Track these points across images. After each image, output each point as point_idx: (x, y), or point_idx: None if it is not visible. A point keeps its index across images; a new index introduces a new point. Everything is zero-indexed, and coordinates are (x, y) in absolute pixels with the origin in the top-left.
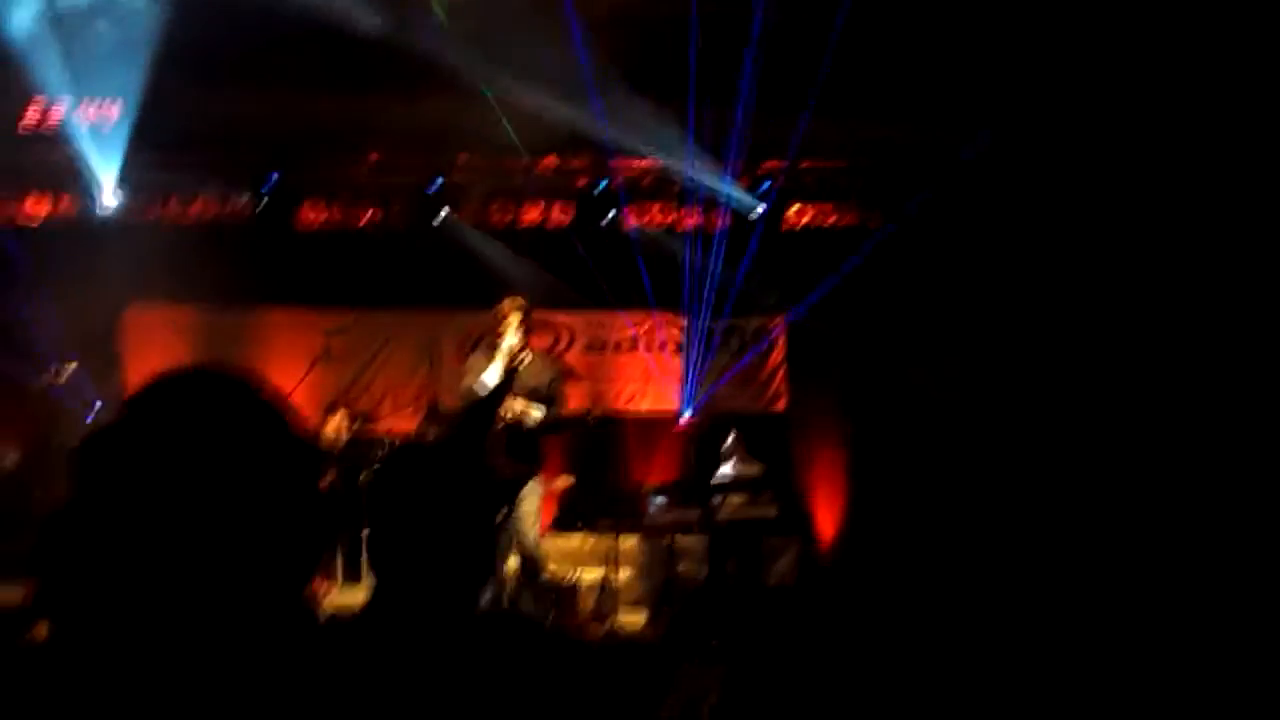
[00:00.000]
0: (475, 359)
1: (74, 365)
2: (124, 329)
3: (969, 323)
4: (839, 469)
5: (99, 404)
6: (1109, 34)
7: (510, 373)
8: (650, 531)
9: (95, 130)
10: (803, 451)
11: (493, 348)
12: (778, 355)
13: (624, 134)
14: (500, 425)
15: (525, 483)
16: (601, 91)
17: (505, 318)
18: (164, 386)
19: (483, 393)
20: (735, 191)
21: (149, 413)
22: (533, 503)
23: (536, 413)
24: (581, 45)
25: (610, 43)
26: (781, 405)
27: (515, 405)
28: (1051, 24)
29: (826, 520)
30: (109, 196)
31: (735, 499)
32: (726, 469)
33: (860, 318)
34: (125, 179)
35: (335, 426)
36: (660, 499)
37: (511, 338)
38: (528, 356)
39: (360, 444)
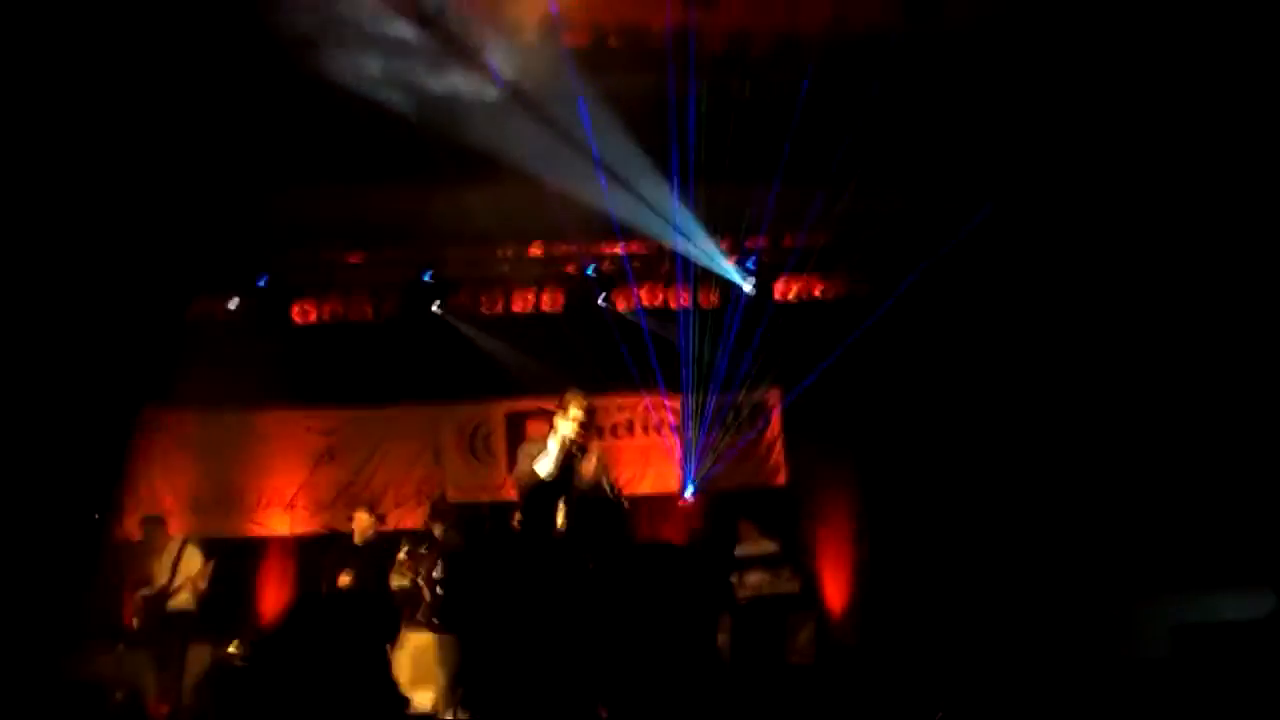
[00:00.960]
0: (529, 446)
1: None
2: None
3: (964, 387)
4: (845, 540)
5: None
6: (1093, 105)
7: (566, 463)
8: None
9: None
10: (808, 524)
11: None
12: (774, 429)
13: (610, 218)
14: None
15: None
16: (586, 177)
17: (566, 409)
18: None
19: (544, 477)
20: (723, 269)
21: None
22: None
23: (607, 484)
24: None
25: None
26: (781, 479)
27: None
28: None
29: (835, 592)
30: None
31: (754, 577)
32: (743, 547)
33: (855, 387)
34: None
35: (362, 526)
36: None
37: (566, 428)
38: (591, 456)
39: (383, 542)
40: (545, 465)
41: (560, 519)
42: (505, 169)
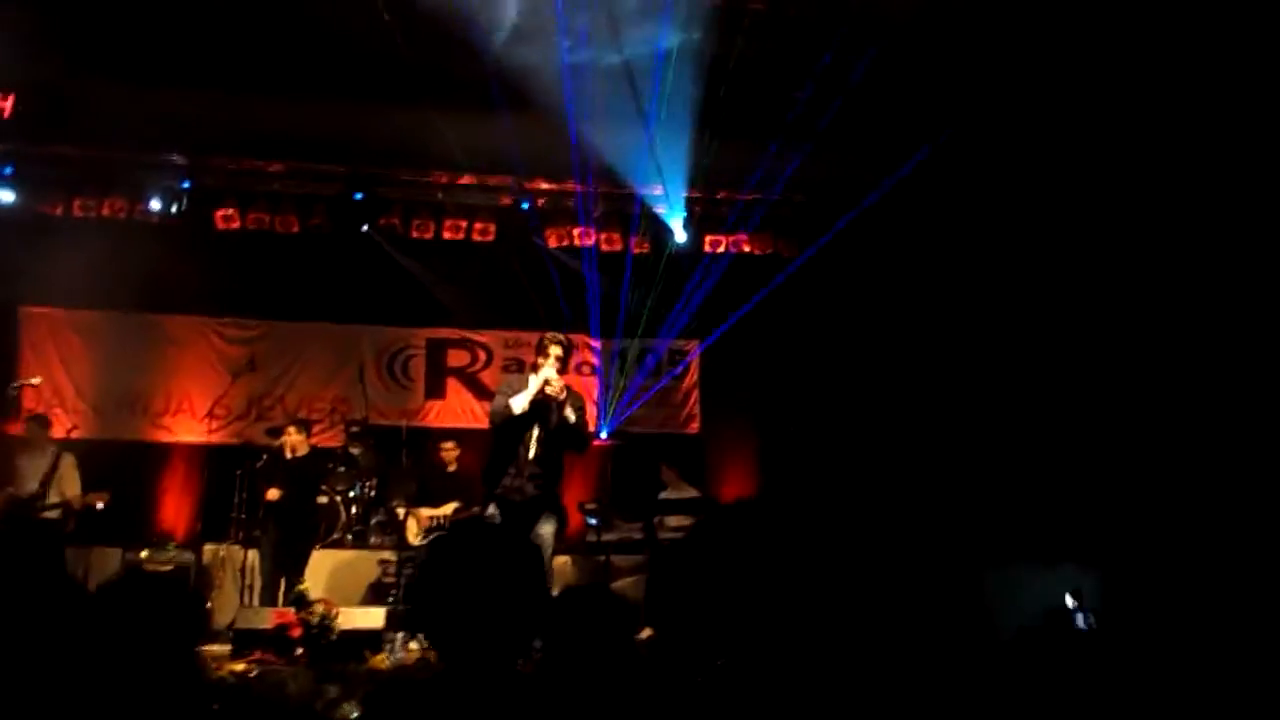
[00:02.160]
0: (510, 380)
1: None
2: (21, 328)
3: (873, 347)
4: (745, 489)
5: None
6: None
7: (540, 402)
8: (584, 549)
9: None
10: (713, 472)
11: (533, 371)
12: (691, 378)
13: (548, 157)
14: (538, 448)
15: (546, 505)
16: (528, 112)
17: (547, 349)
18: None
19: (515, 413)
20: (656, 218)
21: None
22: (551, 527)
23: (572, 415)
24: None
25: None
26: (695, 427)
27: (570, 414)
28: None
29: None
30: (4, 191)
31: (675, 520)
32: (667, 492)
33: (765, 343)
34: (21, 173)
35: (293, 441)
36: (593, 519)
37: (549, 370)
38: (562, 392)
39: (315, 458)
40: (520, 401)
41: (533, 449)
42: (454, 94)
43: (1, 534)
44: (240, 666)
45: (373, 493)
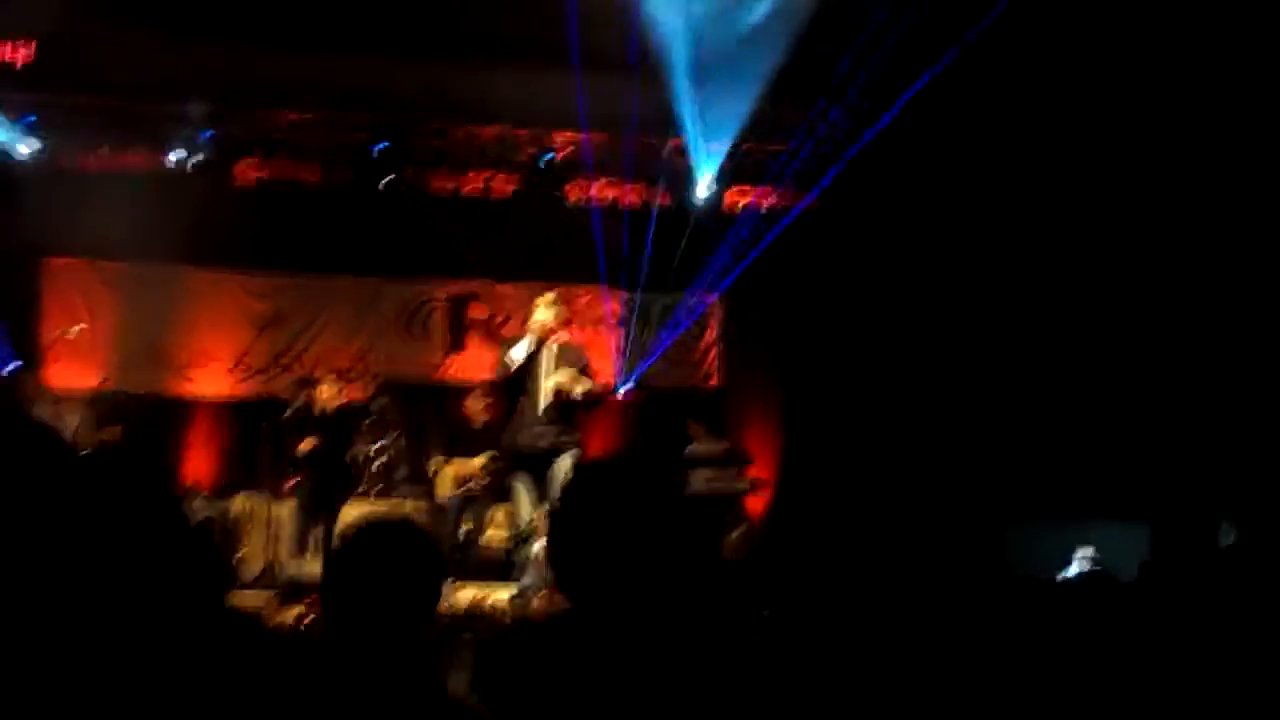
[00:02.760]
0: (512, 337)
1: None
2: (44, 281)
3: (894, 300)
4: (770, 444)
5: (13, 360)
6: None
7: (538, 350)
8: None
9: (7, 68)
10: (736, 427)
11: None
12: (712, 333)
13: (569, 108)
14: (550, 397)
15: (566, 450)
16: (550, 64)
17: (536, 300)
18: None
19: (513, 366)
20: (678, 170)
21: None
22: (569, 460)
23: (580, 386)
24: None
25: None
26: (715, 381)
27: (561, 377)
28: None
29: (756, 495)
30: (27, 142)
31: (704, 473)
32: (694, 446)
33: (787, 296)
34: (44, 124)
35: (326, 393)
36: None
37: (542, 315)
38: (562, 337)
39: (350, 411)
40: (519, 352)
41: (543, 401)
42: (472, 46)
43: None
44: (292, 615)
45: (395, 445)
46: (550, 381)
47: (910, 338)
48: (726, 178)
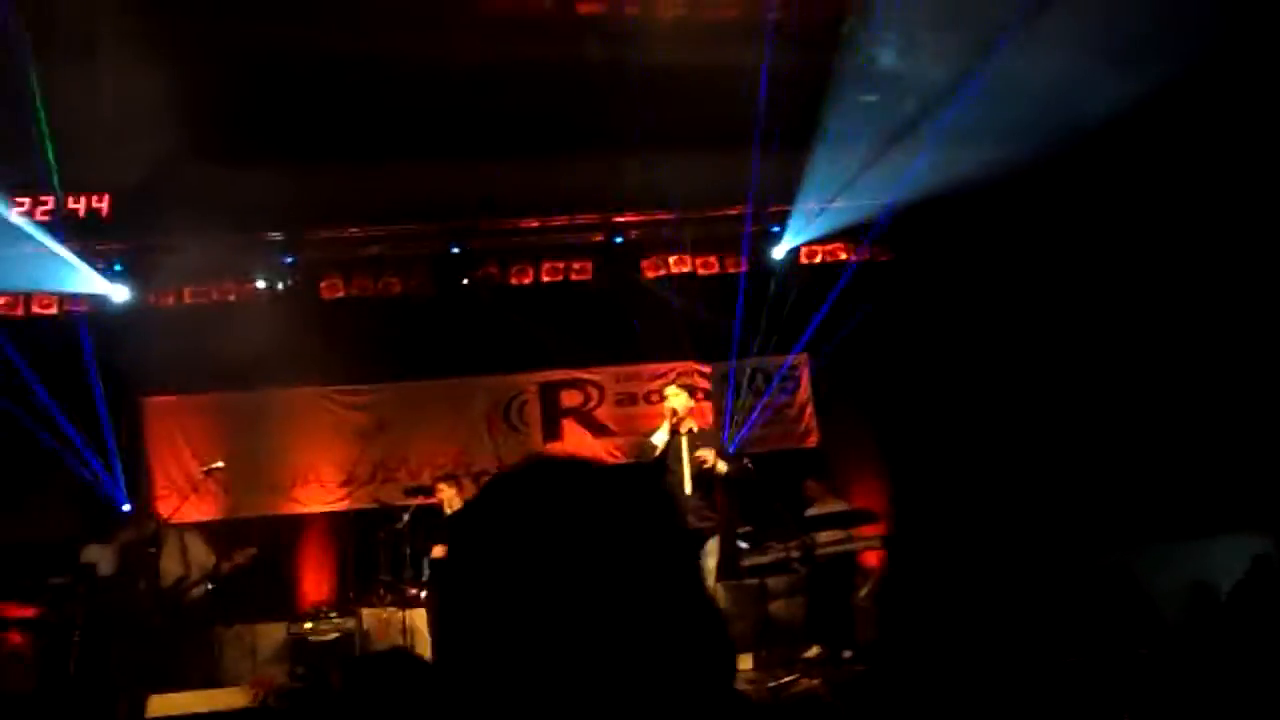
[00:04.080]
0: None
1: (222, 465)
2: (146, 420)
3: (982, 351)
4: (878, 495)
5: (126, 499)
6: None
7: (674, 434)
8: (738, 574)
9: (91, 220)
10: (840, 484)
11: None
12: (804, 392)
13: (633, 189)
14: (694, 473)
15: (708, 539)
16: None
17: (665, 389)
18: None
19: (655, 453)
20: (749, 235)
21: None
22: (712, 560)
23: (723, 466)
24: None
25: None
26: (813, 440)
27: (707, 455)
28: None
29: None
30: (117, 290)
31: (829, 535)
32: (815, 508)
33: (879, 351)
34: (131, 269)
35: (448, 496)
36: (744, 543)
37: (672, 402)
38: (694, 424)
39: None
40: (660, 436)
41: (689, 484)
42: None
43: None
44: None
45: None
46: (692, 455)
47: (1000, 377)
48: (799, 237)
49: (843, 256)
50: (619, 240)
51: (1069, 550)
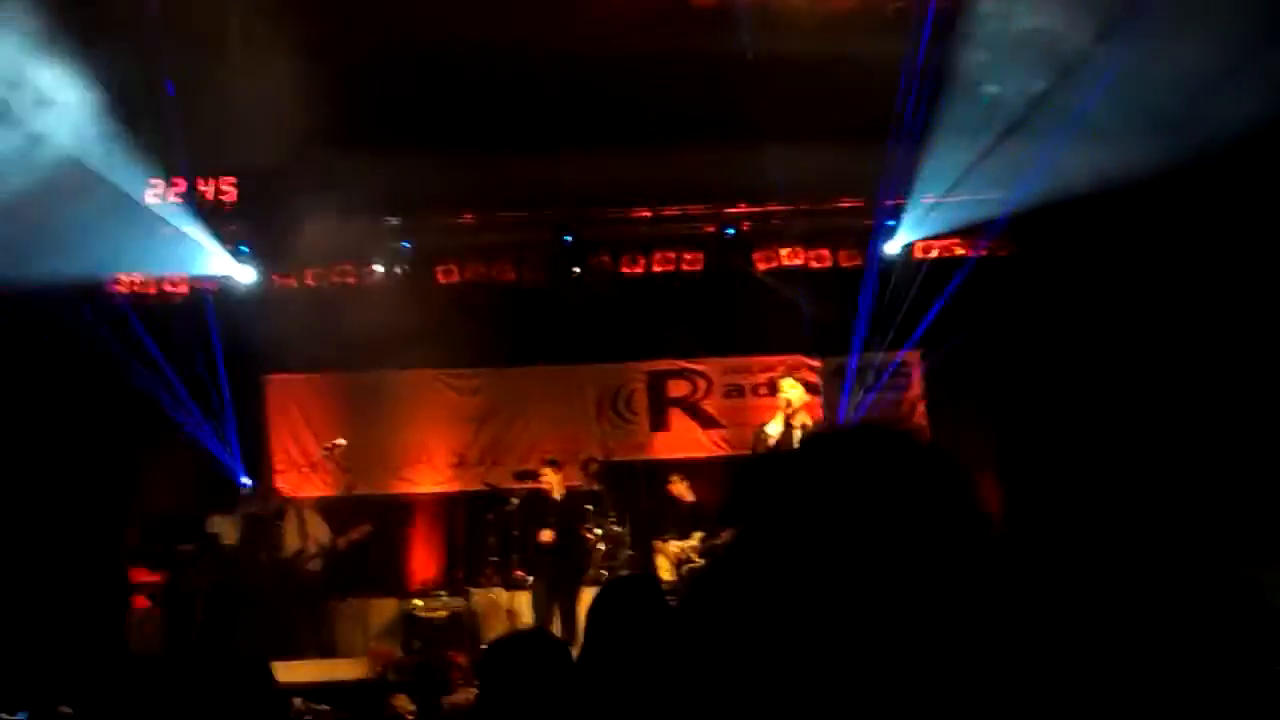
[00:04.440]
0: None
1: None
2: (267, 397)
3: (1104, 353)
4: (989, 495)
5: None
6: None
7: (788, 426)
8: None
9: (219, 204)
10: None
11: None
12: (915, 389)
13: (747, 179)
14: None
15: None
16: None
17: (780, 381)
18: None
19: (769, 443)
20: (862, 229)
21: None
22: None
23: None
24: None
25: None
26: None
27: None
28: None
29: None
30: (244, 269)
31: None
32: None
33: (997, 350)
34: (255, 251)
35: (553, 481)
36: None
37: (786, 394)
38: (807, 418)
39: (575, 497)
40: (774, 428)
41: None
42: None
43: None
44: None
45: (618, 528)
46: None
47: (1122, 381)
48: (914, 232)
49: (959, 252)
50: (730, 231)
51: (1194, 563)
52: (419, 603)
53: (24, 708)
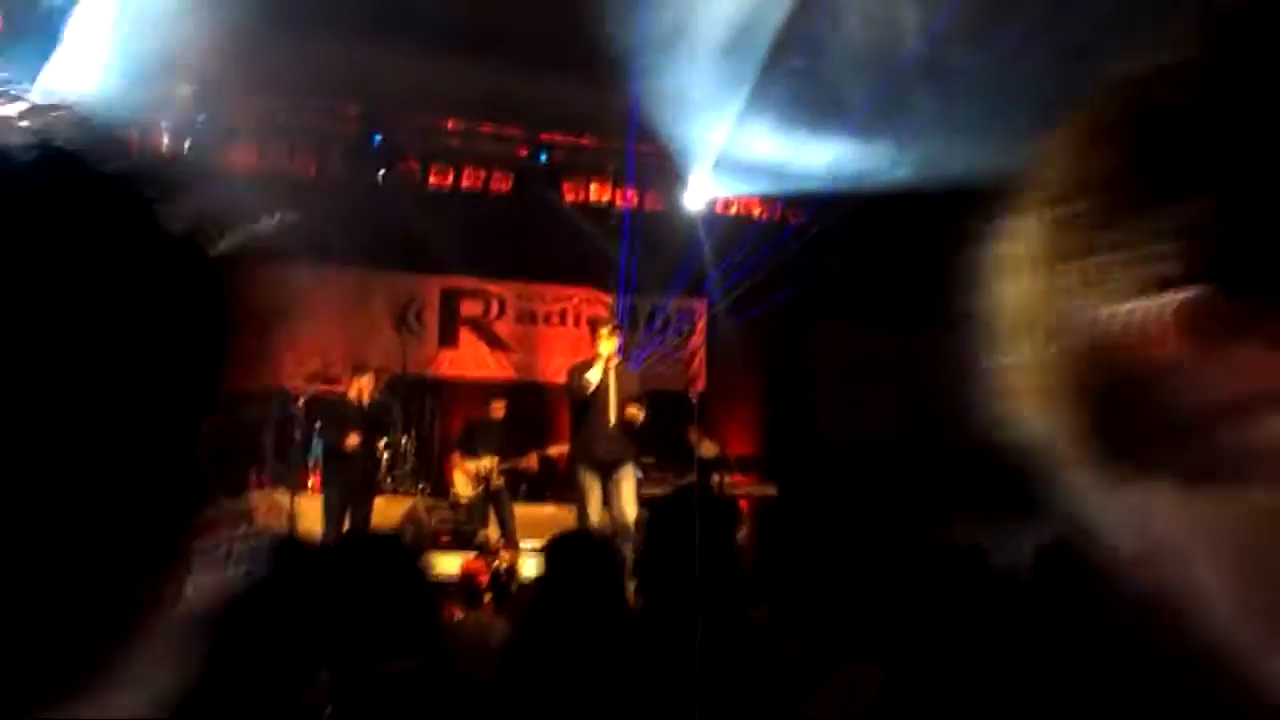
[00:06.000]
0: (578, 363)
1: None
2: None
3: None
4: (749, 449)
5: None
6: None
7: (607, 374)
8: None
9: None
10: (718, 430)
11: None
12: (698, 337)
13: (564, 108)
14: (619, 417)
15: (629, 463)
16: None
17: (599, 330)
18: None
19: (589, 389)
20: (671, 175)
21: None
22: (630, 484)
23: (642, 414)
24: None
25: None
26: (699, 385)
27: (634, 410)
28: None
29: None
30: None
31: (714, 477)
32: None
33: (778, 305)
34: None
35: (360, 387)
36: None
37: (606, 345)
38: (620, 363)
39: (380, 405)
40: (595, 375)
41: (613, 415)
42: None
43: None
44: None
45: (409, 443)
46: (625, 411)
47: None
48: (719, 185)
49: (755, 212)
50: (543, 158)
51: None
52: None
53: None
